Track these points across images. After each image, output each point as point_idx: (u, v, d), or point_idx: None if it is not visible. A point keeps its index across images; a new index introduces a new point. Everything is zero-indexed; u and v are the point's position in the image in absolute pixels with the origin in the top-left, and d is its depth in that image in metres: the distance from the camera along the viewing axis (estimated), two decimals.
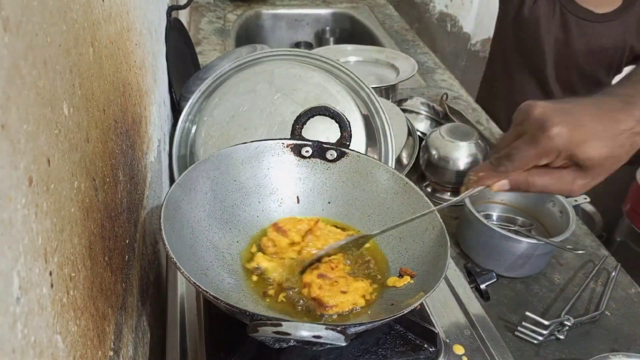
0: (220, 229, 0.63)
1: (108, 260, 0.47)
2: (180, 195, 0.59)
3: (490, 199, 0.95)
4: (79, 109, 0.40)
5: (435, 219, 0.61)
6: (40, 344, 0.29)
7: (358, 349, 0.57)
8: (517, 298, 0.83)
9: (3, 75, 0.26)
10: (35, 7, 0.31)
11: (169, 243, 0.51)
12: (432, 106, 1.20)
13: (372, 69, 1.34)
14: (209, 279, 0.57)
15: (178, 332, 0.60)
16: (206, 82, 0.91)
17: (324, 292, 0.56)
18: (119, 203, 0.52)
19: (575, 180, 0.51)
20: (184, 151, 0.90)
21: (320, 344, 0.45)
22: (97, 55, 0.47)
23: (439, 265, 0.57)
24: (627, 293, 0.85)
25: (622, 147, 0.49)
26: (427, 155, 1.02)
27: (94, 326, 0.41)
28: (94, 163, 0.44)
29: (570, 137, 0.49)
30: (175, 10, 1.11)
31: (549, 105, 0.51)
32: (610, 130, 0.49)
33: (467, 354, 0.59)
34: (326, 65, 0.90)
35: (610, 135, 0.49)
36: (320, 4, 1.97)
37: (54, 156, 0.33)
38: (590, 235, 0.97)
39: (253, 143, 0.67)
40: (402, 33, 1.81)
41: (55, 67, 0.35)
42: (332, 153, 0.68)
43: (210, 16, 1.80)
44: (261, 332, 0.44)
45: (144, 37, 0.76)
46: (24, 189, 0.28)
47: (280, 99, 0.85)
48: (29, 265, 0.28)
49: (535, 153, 0.50)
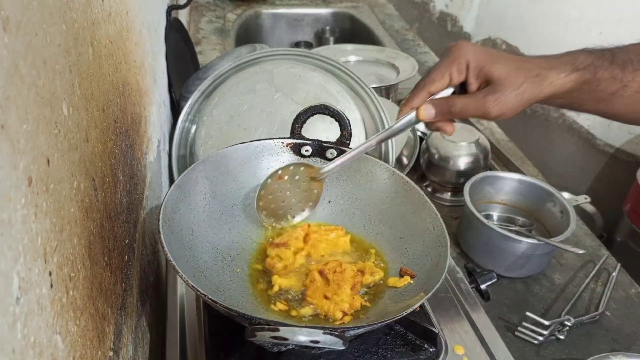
0: (219, 229, 0.63)
1: (108, 261, 0.47)
2: (179, 197, 0.59)
3: (491, 199, 0.95)
4: (79, 108, 0.40)
5: (435, 219, 0.61)
6: (40, 344, 0.29)
7: (358, 349, 0.57)
8: (517, 298, 0.83)
9: (3, 75, 0.26)
10: (35, 7, 0.31)
11: (167, 246, 0.51)
12: None
13: (372, 69, 1.34)
14: (208, 280, 0.57)
15: (178, 332, 0.60)
16: (206, 82, 0.91)
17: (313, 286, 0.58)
18: (118, 203, 0.52)
19: (485, 97, 0.56)
20: (183, 151, 0.90)
21: (319, 347, 0.45)
22: (96, 55, 0.47)
23: (439, 266, 0.57)
24: (627, 293, 0.85)
25: (528, 71, 0.56)
26: (427, 155, 1.02)
27: (94, 326, 0.41)
28: (94, 163, 0.44)
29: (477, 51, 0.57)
30: (175, 10, 1.11)
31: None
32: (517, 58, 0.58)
33: (467, 354, 0.59)
34: (326, 65, 0.90)
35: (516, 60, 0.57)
36: (320, 3, 1.97)
37: (54, 156, 0.33)
38: (591, 235, 0.97)
39: (252, 142, 0.67)
40: (402, 33, 1.81)
41: (55, 66, 0.35)
42: (332, 152, 0.68)
43: (210, 16, 1.80)
44: (259, 336, 0.43)
45: (143, 36, 0.76)
46: (23, 189, 0.28)
47: (280, 98, 0.85)
48: (28, 266, 0.28)
49: (446, 62, 0.58)
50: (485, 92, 0.57)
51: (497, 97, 0.56)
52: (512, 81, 0.56)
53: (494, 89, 0.56)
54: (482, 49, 0.58)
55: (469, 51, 0.57)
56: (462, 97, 0.58)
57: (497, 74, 0.56)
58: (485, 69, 0.57)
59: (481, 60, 0.57)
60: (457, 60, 0.57)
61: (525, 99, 0.57)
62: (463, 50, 0.57)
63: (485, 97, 0.57)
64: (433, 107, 0.58)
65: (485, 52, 0.58)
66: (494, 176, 0.93)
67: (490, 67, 0.56)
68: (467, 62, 0.57)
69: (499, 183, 0.94)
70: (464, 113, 0.58)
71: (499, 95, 0.56)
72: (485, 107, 0.56)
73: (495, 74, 0.56)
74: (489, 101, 0.56)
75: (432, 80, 0.58)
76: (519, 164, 1.10)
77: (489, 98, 0.56)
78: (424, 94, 0.59)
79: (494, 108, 0.56)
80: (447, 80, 0.58)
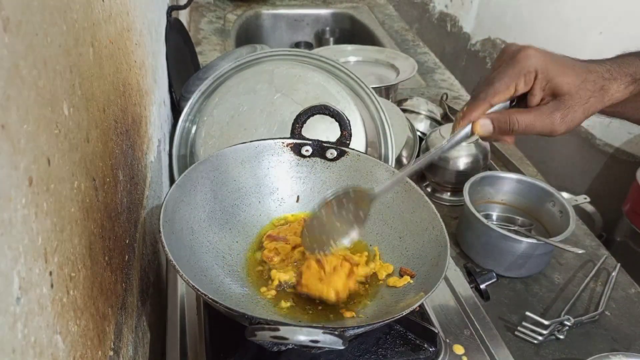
0: (220, 229, 0.63)
1: (108, 260, 0.47)
2: (179, 197, 0.59)
3: (490, 199, 0.95)
4: (79, 109, 0.40)
5: (435, 218, 0.61)
6: (40, 344, 0.29)
7: (358, 348, 0.57)
8: (517, 298, 0.83)
9: (3, 75, 0.26)
10: (35, 7, 0.31)
11: (168, 245, 0.51)
12: (432, 106, 1.20)
13: (372, 69, 1.34)
14: (208, 279, 0.57)
15: (178, 332, 0.60)
16: (206, 82, 0.91)
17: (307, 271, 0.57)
18: (119, 203, 0.52)
19: (553, 113, 0.53)
20: (184, 151, 0.90)
21: (318, 347, 0.45)
22: (97, 55, 0.47)
23: (439, 265, 0.57)
24: (627, 293, 0.85)
25: (594, 84, 0.53)
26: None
27: (94, 326, 0.41)
28: (94, 163, 0.44)
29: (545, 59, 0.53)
30: (175, 10, 1.11)
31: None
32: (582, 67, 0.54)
33: (467, 354, 0.59)
34: (326, 65, 0.90)
35: (582, 70, 0.53)
36: (320, 4, 1.97)
37: (54, 156, 0.33)
38: (590, 235, 0.97)
39: (253, 143, 0.67)
40: (402, 33, 1.81)
41: (55, 67, 0.35)
42: (332, 152, 0.68)
43: (210, 16, 1.80)
44: (259, 336, 0.44)
45: (144, 37, 0.76)
46: (24, 189, 0.28)
47: (280, 99, 0.85)
48: (29, 265, 0.28)
49: (512, 73, 0.53)
50: (552, 107, 0.53)
51: (566, 113, 0.53)
52: (581, 95, 0.53)
53: (563, 104, 0.53)
54: (549, 56, 0.53)
55: (538, 61, 0.53)
56: (524, 112, 0.54)
57: (566, 88, 0.52)
58: (553, 81, 0.53)
59: (549, 72, 0.53)
60: (525, 70, 0.53)
61: (589, 113, 0.54)
62: (532, 60, 0.53)
63: (552, 113, 0.53)
64: (492, 123, 0.54)
65: (552, 62, 0.53)
66: (494, 176, 0.94)
67: (559, 79, 0.52)
68: (536, 72, 0.53)
69: (498, 183, 0.94)
70: (528, 131, 0.54)
71: (567, 112, 0.53)
72: (553, 124, 0.53)
73: (565, 88, 0.52)
74: (556, 118, 0.53)
75: (496, 92, 0.53)
76: (518, 164, 1.10)
77: (556, 115, 0.53)
78: (485, 106, 0.54)
79: (561, 125, 0.53)
80: (512, 92, 0.54)
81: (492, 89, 0.54)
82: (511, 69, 0.53)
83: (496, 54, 2.13)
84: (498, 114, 0.54)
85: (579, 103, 0.53)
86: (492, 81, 0.54)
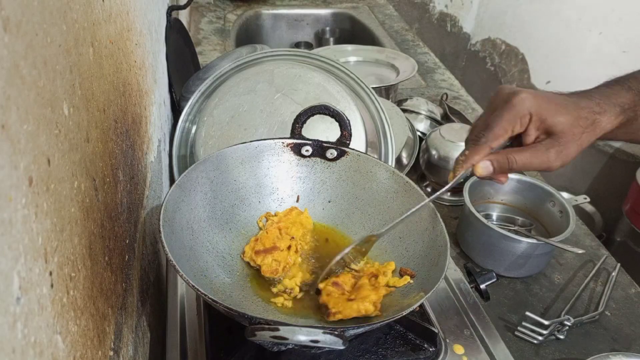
0: (220, 229, 0.63)
1: (108, 260, 0.47)
2: (179, 197, 0.59)
3: (490, 199, 0.95)
4: (79, 109, 0.40)
5: (435, 218, 0.61)
6: (40, 344, 0.29)
7: (358, 348, 0.57)
8: (517, 298, 0.83)
9: (3, 75, 0.26)
10: (35, 7, 0.31)
11: (168, 245, 0.51)
12: (432, 106, 1.20)
13: (372, 69, 1.34)
14: (208, 280, 0.57)
15: (178, 332, 0.60)
16: (206, 82, 0.91)
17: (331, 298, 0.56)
18: (119, 203, 0.52)
19: (548, 150, 0.56)
20: (184, 151, 0.90)
21: (318, 347, 0.45)
22: (97, 55, 0.47)
23: (439, 265, 0.57)
24: (627, 293, 0.85)
25: (586, 120, 0.56)
26: (427, 155, 1.02)
27: (94, 326, 0.41)
28: (94, 163, 0.44)
29: (538, 102, 0.55)
30: (175, 10, 1.11)
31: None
32: (573, 105, 0.57)
33: (467, 354, 0.59)
34: (326, 65, 0.90)
35: (573, 107, 0.56)
36: (320, 4, 1.97)
37: (54, 156, 0.33)
38: (590, 235, 0.97)
39: (253, 143, 0.67)
40: (402, 33, 1.81)
41: (56, 67, 0.35)
42: (332, 152, 0.68)
43: (210, 16, 1.80)
44: (259, 336, 0.44)
45: (144, 37, 0.76)
46: (24, 189, 0.28)
47: (280, 99, 0.85)
48: (29, 265, 0.28)
49: (509, 117, 0.56)
50: (547, 145, 0.56)
51: (561, 149, 0.56)
52: (574, 132, 0.56)
53: (557, 142, 0.56)
54: (541, 98, 0.56)
55: (532, 104, 0.55)
56: (521, 151, 0.57)
57: (559, 127, 0.55)
58: (547, 122, 0.56)
59: (543, 113, 0.55)
60: (520, 114, 0.56)
61: (583, 147, 0.57)
62: (526, 103, 0.55)
63: (547, 150, 0.56)
64: (492, 164, 0.57)
65: (545, 103, 0.56)
66: None
67: (552, 119, 0.55)
68: (530, 114, 0.56)
69: (498, 183, 0.94)
70: (525, 168, 0.57)
71: (562, 148, 0.56)
72: (549, 162, 0.56)
73: (558, 127, 0.55)
74: (552, 154, 0.56)
75: (495, 136, 0.56)
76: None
77: (551, 152, 0.56)
78: (486, 150, 0.57)
79: (556, 161, 0.56)
80: (509, 134, 0.57)
81: (491, 134, 0.56)
82: (507, 113, 0.56)
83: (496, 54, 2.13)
84: (496, 154, 0.57)
85: (572, 139, 0.56)
86: (490, 126, 0.56)
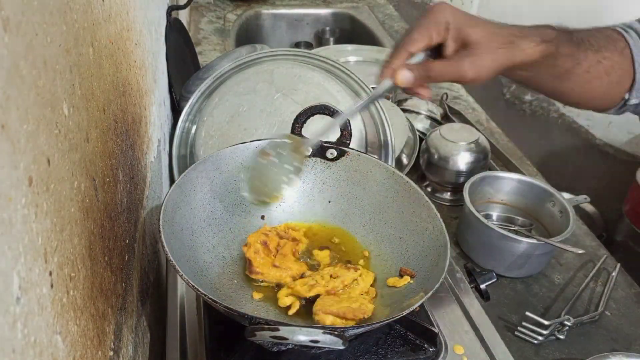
0: (220, 229, 0.63)
1: (108, 260, 0.47)
2: (179, 197, 0.59)
3: (490, 199, 0.95)
4: (79, 109, 0.40)
5: (435, 218, 0.61)
6: (40, 344, 0.29)
7: (358, 349, 0.57)
8: (517, 298, 0.83)
9: (3, 75, 0.26)
10: (35, 7, 0.31)
11: (168, 245, 0.51)
12: (432, 106, 1.20)
13: (372, 69, 1.34)
14: (208, 279, 0.57)
15: (178, 332, 0.60)
16: (206, 82, 0.91)
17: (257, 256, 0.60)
18: (118, 203, 0.52)
19: (462, 59, 0.57)
20: (184, 151, 0.90)
21: (318, 347, 0.45)
22: (97, 55, 0.47)
23: (439, 265, 0.57)
24: (627, 293, 0.85)
25: (504, 37, 0.58)
26: (427, 155, 1.02)
27: (94, 326, 0.41)
28: (94, 163, 0.44)
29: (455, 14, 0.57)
30: (175, 10, 1.11)
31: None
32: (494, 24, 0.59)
33: (467, 354, 0.59)
34: (326, 65, 0.90)
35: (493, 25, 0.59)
36: (320, 4, 1.97)
37: (54, 156, 0.33)
38: (590, 235, 0.97)
39: (253, 142, 0.67)
40: (402, 33, 1.81)
41: (55, 67, 0.35)
42: (332, 152, 0.68)
43: (210, 16, 1.80)
44: (259, 336, 0.44)
45: (144, 37, 0.76)
46: (24, 189, 0.28)
47: (280, 99, 0.85)
48: (29, 265, 0.28)
49: (426, 23, 0.58)
50: (462, 55, 0.57)
51: (474, 60, 0.57)
52: (489, 45, 0.57)
53: (471, 52, 0.57)
54: (461, 12, 0.58)
55: (449, 13, 0.58)
56: (438, 61, 0.58)
57: (474, 37, 0.57)
58: (463, 31, 0.57)
59: (460, 22, 0.57)
60: (437, 21, 0.57)
61: (499, 64, 0.58)
62: (444, 12, 0.57)
63: (461, 59, 0.57)
64: (411, 72, 0.58)
65: (464, 15, 0.58)
66: (494, 176, 0.94)
67: (468, 29, 0.57)
68: (447, 23, 0.57)
69: (498, 183, 0.94)
70: (442, 77, 0.58)
71: (475, 59, 0.57)
72: (462, 69, 0.57)
73: (473, 37, 0.57)
74: (465, 64, 0.57)
75: (412, 40, 0.58)
76: (518, 164, 1.10)
77: (465, 61, 0.57)
78: (404, 54, 0.58)
79: (470, 71, 0.57)
80: (426, 40, 0.58)
81: (409, 38, 0.58)
82: (425, 19, 0.58)
83: None
84: (416, 65, 0.59)
85: (486, 51, 0.57)
86: (409, 32, 0.59)
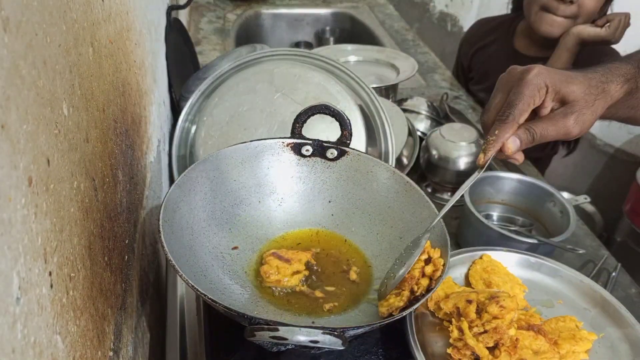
0: (220, 229, 0.63)
1: (107, 261, 0.47)
2: (179, 197, 0.59)
3: (491, 199, 0.95)
4: (79, 109, 0.40)
5: (435, 219, 0.61)
6: (40, 344, 0.29)
7: (358, 349, 0.57)
8: None
9: (3, 75, 0.26)
10: (35, 7, 0.31)
11: (167, 245, 0.51)
12: (433, 106, 1.20)
13: (372, 69, 1.34)
14: (208, 280, 0.57)
15: (178, 333, 0.60)
16: (206, 82, 0.91)
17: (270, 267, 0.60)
18: (118, 203, 0.52)
19: (566, 117, 0.58)
20: (183, 151, 0.90)
21: (318, 347, 0.45)
22: (96, 55, 0.47)
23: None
24: (627, 293, 0.85)
25: (596, 88, 0.59)
26: (427, 155, 1.01)
27: (94, 326, 0.41)
28: (94, 163, 0.44)
29: (551, 75, 0.58)
30: (175, 10, 1.11)
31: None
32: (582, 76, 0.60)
33: None
34: (326, 65, 0.90)
35: (583, 78, 0.60)
36: (320, 3, 1.97)
37: (54, 156, 0.33)
38: (591, 235, 0.97)
39: (253, 142, 0.67)
40: (402, 33, 1.81)
41: (55, 67, 0.35)
42: (333, 152, 0.68)
43: (210, 16, 1.80)
44: (258, 336, 0.43)
45: (143, 36, 0.76)
46: (23, 189, 0.28)
47: (280, 98, 0.85)
48: (28, 266, 0.28)
49: (529, 91, 0.58)
50: (563, 113, 0.58)
51: (577, 117, 0.58)
52: (587, 99, 0.58)
53: (573, 110, 0.58)
54: (554, 71, 0.59)
55: (546, 76, 0.58)
56: (539, 122, 0.59)
57: (573, 96, 0.58)
58: (562, 91, 0.58)
59: (557, 84, 0.58)
60: (538, 87, 0.58)
61: (597, 115, 0.59)
62: (541, 76, 0.58)
63: (566, 118, 0.58)
64: (518, 139, 0.59)
65: (557, 75, 0.59)
66: (494, 176, 0.93)
67: (566, 89, 0.58)
68: (547, 86, 0.58)
69: (498, 183, 0.93)
70: (545, 138, 0.59)
71: (578, 115, 0.58)
72: (568, 128, 0.58)
73: (572, 96, 0.58)
74: (570, 120, 0.58)
75: (520, 112, 0.58)
76: (518, 163, 1.10)
77: (569, 119, 0.58)
78: (515, 127, 0.58)
79: (575, 127, 0.58)
80: (532, 107, 0.59)
81: (516, 110, 0.58)
82: (526, 88, 0.58)
83: None
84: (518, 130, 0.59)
85: (586, 106, 0.58)
86: (514, 103, 0.58)
